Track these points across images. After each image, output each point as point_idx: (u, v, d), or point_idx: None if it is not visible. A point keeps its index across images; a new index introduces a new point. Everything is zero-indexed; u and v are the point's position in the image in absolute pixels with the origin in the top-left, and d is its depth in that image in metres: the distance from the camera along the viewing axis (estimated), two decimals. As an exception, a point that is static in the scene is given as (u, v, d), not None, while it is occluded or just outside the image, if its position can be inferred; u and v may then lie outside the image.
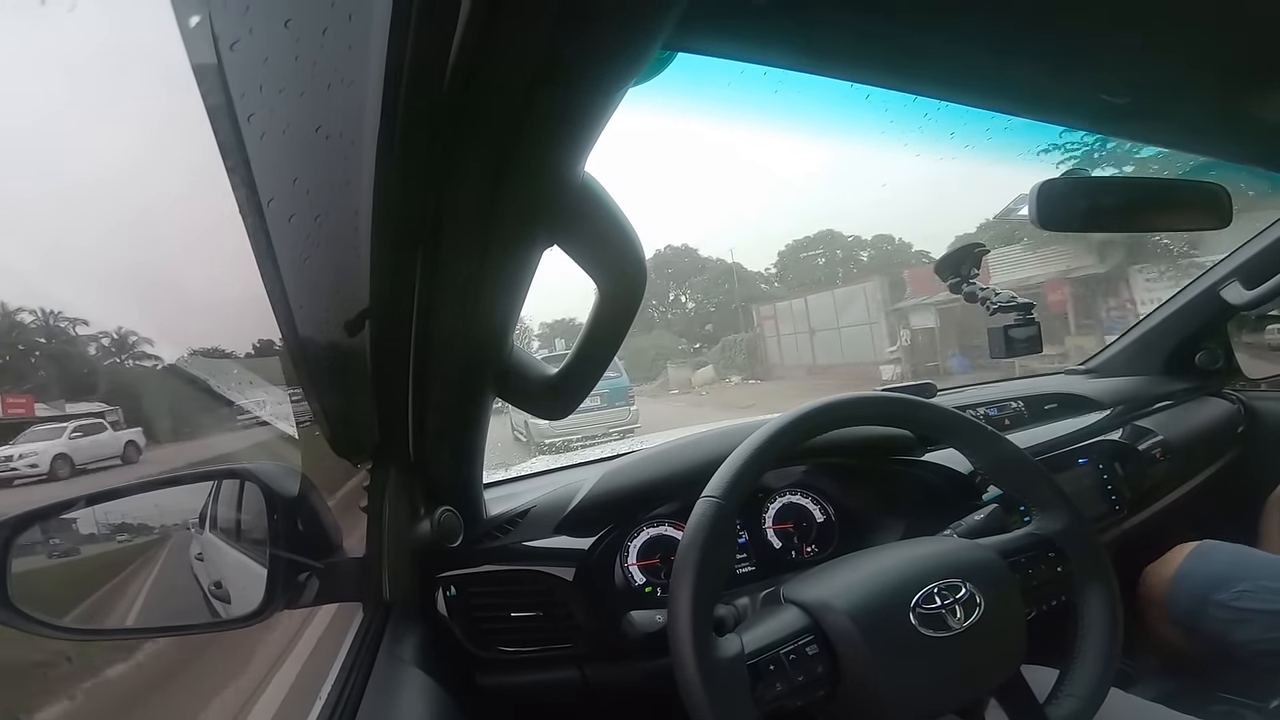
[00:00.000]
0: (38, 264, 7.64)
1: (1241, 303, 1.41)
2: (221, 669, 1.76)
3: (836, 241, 25.80)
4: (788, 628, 0.67)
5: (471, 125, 0.42)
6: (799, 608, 0.69)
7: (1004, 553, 0.76)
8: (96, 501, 0.72)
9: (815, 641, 0.66)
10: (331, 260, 0.53)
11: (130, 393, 7.57)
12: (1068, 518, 0.78)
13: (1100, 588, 0.77)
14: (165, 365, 7.84)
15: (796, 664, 0.64)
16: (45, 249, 8.92)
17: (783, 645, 0.65)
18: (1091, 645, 0.75)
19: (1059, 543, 0.78)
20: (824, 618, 0.67)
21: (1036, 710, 0.71)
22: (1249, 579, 1.13)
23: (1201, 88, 0.68)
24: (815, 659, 0.65)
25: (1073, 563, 0.77)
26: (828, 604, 0.67)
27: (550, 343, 19.42)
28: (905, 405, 0.82)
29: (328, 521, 0.78)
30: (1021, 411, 1.40)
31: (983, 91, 0.65)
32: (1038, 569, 0.76)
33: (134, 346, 8.57)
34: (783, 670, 0.64)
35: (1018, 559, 0.76)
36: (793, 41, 0.53)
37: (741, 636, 0.66)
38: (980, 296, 1.28)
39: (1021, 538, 0.79)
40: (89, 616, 1.13)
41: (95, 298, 8.67)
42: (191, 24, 0.37)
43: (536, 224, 0.55)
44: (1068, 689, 0.73)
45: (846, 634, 0.65)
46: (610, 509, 0.98)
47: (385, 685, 0.72)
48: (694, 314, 26.10)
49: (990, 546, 0.76)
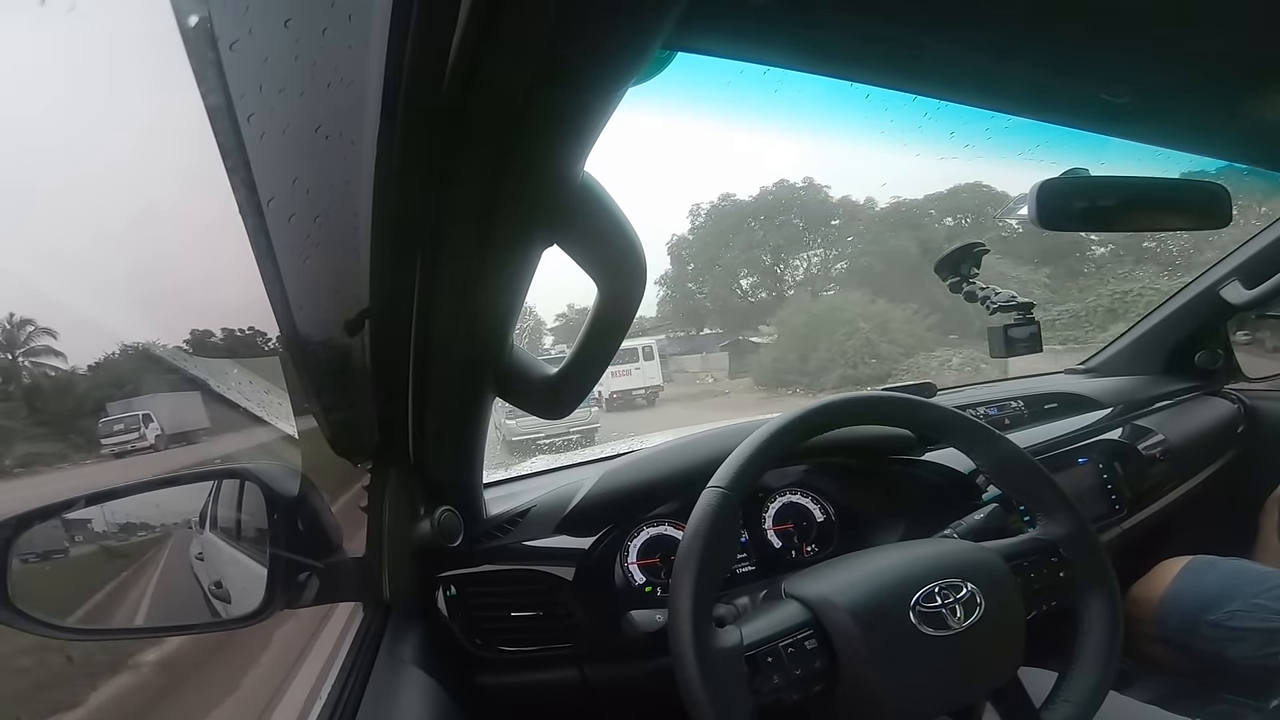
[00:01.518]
0: (36, 263, 7.68)
1: (1241, 302, 1.41)
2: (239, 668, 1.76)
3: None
4: (787, 621, 0.67)
5: (471, 125, 0.42)
6: (799, 602, 0.69)
7: (1007, 556, 0.76)
8: (96, 501, 0.72)
9: (814, 636, 0.66)
10: (331, 260, 0.53)
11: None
12: (1072, 523, 0.78)
13: (1102, 594, 0.77)
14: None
15: (795, 657, 0.65)
16: (43, 249, 8.95)
17: (782, 638, 0.65)
18: (1090, 651, 0.75)
19: (1062, 548, 0.77)
20: (824, 613, 0.67)
21: (1033, 715, 0.71)
22: (1241, 597, 1.12)
23: (1202, 88, 0.68)
24: (814, 653, 0.65)
25: (1075, 568, 0.77)
26: (828, 599, 0.68)
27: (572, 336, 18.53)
28: (907, 405, 0.82)
29: (328, 521, 0.78)
30: (1021, 411, 1.40)
31: (983, 91, 0.65)
32: (1040, 573, 0.76)
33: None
34: (780, 663, 0.64)
35: (1020, 562, 0.76)
36: (792, 41, 0.53)
37: (741, 628, 0.66)
38: (980, 296, 1.28)
39: (1025, 542, 0.79)
40: (91, 617, 1.13)
41: (94, 297, 8.68)
42: (191, 24, 0.37)
43: (536, 223, 0.55)
44: (1065, 694, 0.73)
45: (846, 629, 0.65)
46: (610, 509, 0.98)
47: (385, 685, 0.72)
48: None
49: (993, 550, 0.76)
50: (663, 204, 26.33)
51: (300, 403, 0.79)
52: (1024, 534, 0.80)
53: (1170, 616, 1.18)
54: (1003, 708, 0.71)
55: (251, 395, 1.14)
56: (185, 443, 7.74)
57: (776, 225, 23.69)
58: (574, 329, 6.30)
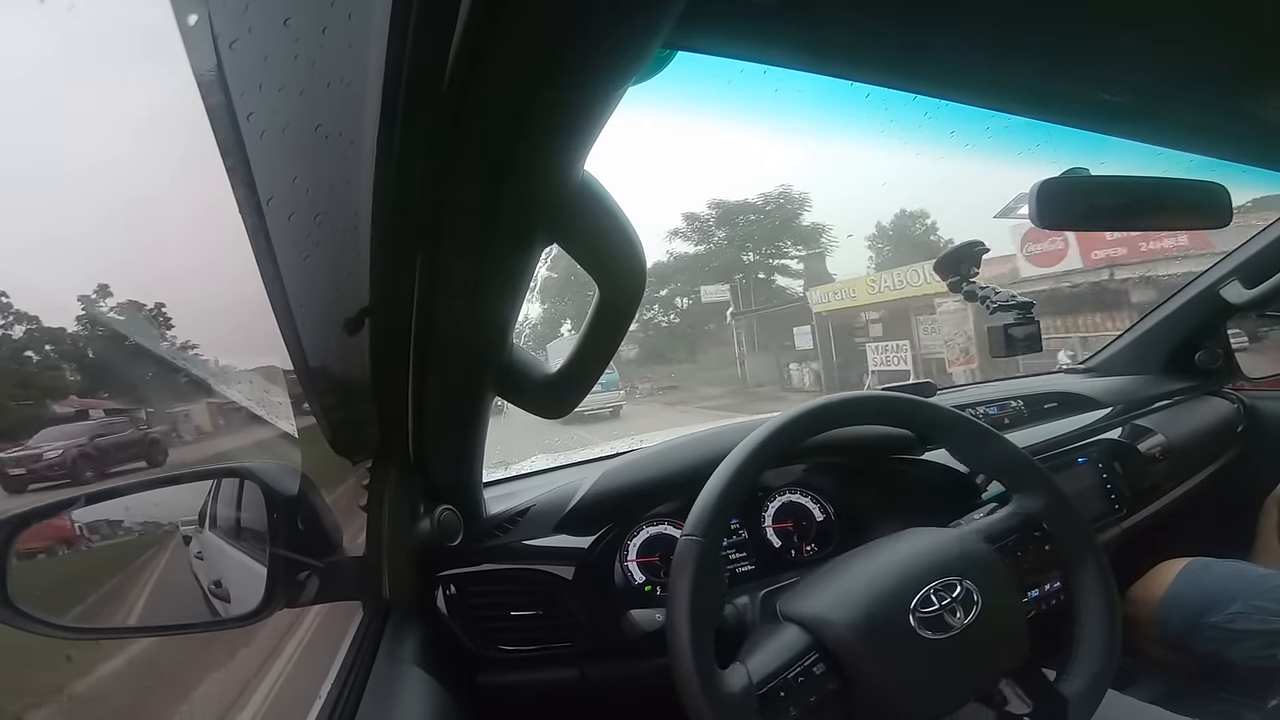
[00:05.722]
0: (32, 262, 7.66)
1: (1241, 302, 1.41)
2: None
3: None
4: (791, 649, 0.66)
5: (471, 123, 0.42)
6: (798, 625, 0.69)
7: (990, 537, 0.76)
8: (96, 500, 0.72)
9: (821, 660, 0.65)
10: (331, 259, 0.53)
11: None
12: (1046, 494, 0.79)
13: (1089, 560, 0.77)
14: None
15: (806, 685, 0.64)
16: (40, 247, 8.95)
17: (789, 669, 0.65)
18: (1093, 618, 0.76)
19: (1042, 520, 0.78)
20: (825, 633, 0.67)
21: (1050, 689, 0.72)
22: (1241, 598, 1.12)
23: (1203, 87, 0.68)
24: (823, 677, 0.65)
25: (1058, 541, 0.77)
26: (826, 619, 0.67)
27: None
28: (846, 401, 0.83)
29: (327, 520, 0.78)
30: (1021, 410, 1.40)
31: (983, 91, 0.65)
32: (1026, 550, 0.77)
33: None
34: (793, 693, 0.64)
35: (1006, 542, 0.76)
36: (792, 40, 0.53)
37: (746, 665, 0.66)
38: (980, 295, 1.28)
39: (1004, 519, 0.79)
40: (90, 615, 1.13)
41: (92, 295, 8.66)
42: (190, 22, 0.37)
43: (536, 222, 0.55)
44: (1078, 665, 0.74)
45: (850, 648, 0.65)
46: (610, 507, 0.98)
47: (385, 684, 0.72)
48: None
49: (975, 532, 0.77)
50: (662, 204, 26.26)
51: (300, 402, 0.79)
52: (1003, 509, 0.81)
53: (1170, 618, 1.18)
54: (1021, 686, 0.71)
55: (252, 394, 1.14)
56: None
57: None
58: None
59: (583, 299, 12.15)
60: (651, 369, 17.86)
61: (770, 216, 22.80)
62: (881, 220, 22.29)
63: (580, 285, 18.42)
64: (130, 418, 7.57)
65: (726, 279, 21.01)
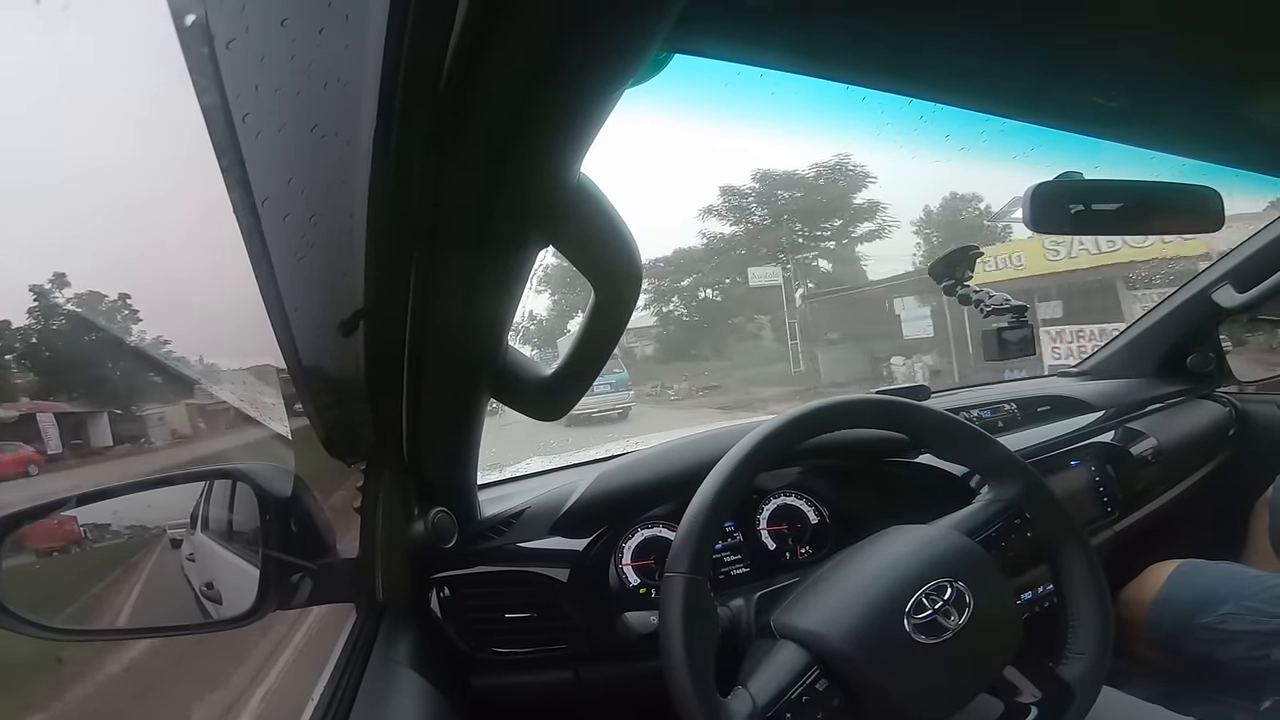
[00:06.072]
0: (30, 261, 7.57)
1: (1233, 306, 1.42)
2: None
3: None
4: (791, 668, 0.66)
5: (467, 125, 0.42)
6: (794, 642, 0.68)
7: (971, 530, 0.76)
8: (88, 501, 0.72)
9: (822, 675, 0.65)
10: (326, 260, 0.53)
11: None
12: (1022, 480, 0.79)
13: (1071, 542, 0.78)
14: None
15: (811, 703, 0.64)
16: (36, 247, 8.85)
17: (792, 689, 0.64)
18: (1083, 600, 0.76)
19: (1020, 506, 0.79)
20: (822, 648, 0.66)
21: (1051, 674, 0.73)
22: (1233, 599, 1.13)
23: (1197, 91, 0.68)
24: (827, 693, 0.64)
25: (1037, 527, 0.78)
26: (821, 634, 0.67)
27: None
28: (835, 405, 0.82)
29: (320, 522, 0.78)
30: (1014, 413, 1.41)
31: (978, 94, 0.65)
32: (1010, 540, 0.77)
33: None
34: (800, 713, 0.63)
35: (988, 534, 0.77)
36: (789, 43, 0.53)
37: (749, 689, 0.65)
38: (974, 299, 1.28)
39: (982, 509, 0.80)
40: (81, 616, 1.12)
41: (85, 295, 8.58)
42: (187, 22, 0.37)
43: (532, 224, 0.55)
44: (1074, 647, 0.75)
45: (849, 662, 0.65)
46: (605, 510, 0.98)
47: (378, 686, 0.71)
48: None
49: (957, 526, 0.77)
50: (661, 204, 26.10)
51: (293, 403, 0.79)
52: (979, 500, 0.81)
53: (1162, 619, 1.19)
54: (1025, 674, 0.72)
55: (245, 395, 1.13)
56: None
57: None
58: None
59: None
60: (675, 366, 16.12)
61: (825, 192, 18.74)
62: (930, 205, 20.18)
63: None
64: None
65: (772, 260, 18.06)
